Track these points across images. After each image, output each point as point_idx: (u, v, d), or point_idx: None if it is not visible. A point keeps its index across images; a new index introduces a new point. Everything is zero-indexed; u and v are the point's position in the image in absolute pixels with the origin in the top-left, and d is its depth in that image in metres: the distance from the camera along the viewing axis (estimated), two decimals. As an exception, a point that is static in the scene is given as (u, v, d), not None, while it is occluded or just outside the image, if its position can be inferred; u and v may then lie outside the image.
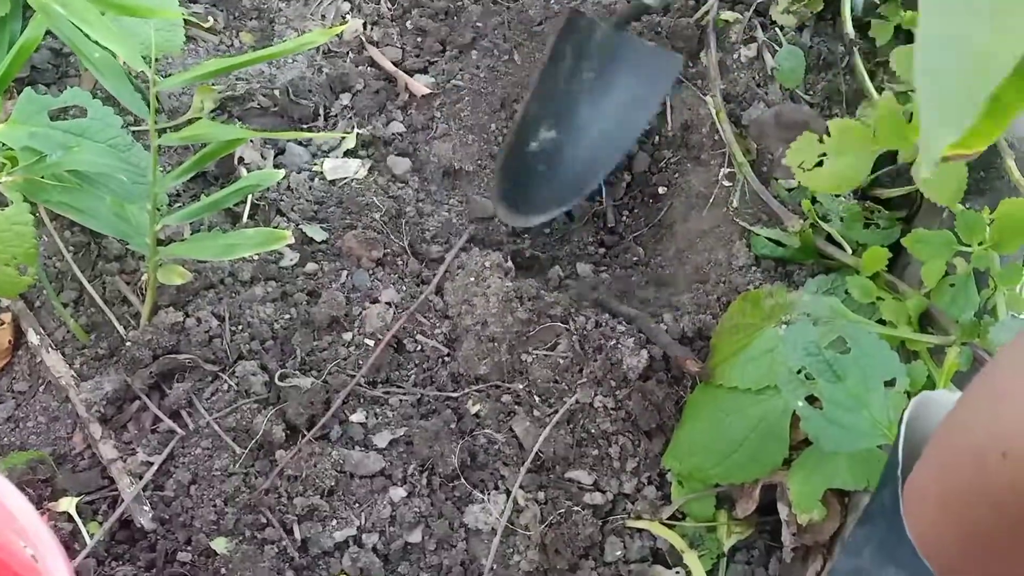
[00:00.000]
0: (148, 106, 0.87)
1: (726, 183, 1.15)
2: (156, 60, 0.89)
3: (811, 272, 1.07)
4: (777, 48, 1.24)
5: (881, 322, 0.94)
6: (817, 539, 0.90)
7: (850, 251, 1.04)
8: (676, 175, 1.22)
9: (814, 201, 1.07)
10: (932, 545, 0.55)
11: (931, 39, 0.24)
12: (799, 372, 0.84)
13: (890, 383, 0.82)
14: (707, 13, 1.26)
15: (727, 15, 1.27)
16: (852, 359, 0.83)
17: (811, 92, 1.22)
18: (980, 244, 0.93)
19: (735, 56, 1.24)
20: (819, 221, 1.06)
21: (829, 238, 1.07)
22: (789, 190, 1.12)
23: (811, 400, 0.84)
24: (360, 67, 1.27)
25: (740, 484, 0.93)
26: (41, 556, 0.60)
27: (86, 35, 0.83)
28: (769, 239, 1.08)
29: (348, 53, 1.29)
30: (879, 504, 0.63)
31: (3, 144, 0.86)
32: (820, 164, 0.99)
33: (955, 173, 0.91)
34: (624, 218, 1.25)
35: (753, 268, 1.07)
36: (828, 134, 0.98)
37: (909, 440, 0.62)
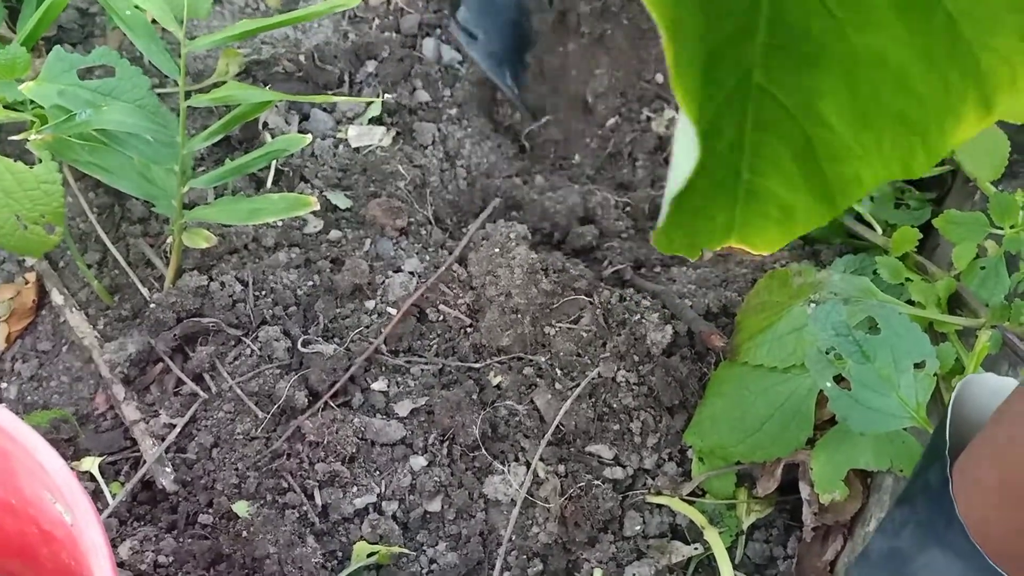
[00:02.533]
0: (178, 67, 0.86)
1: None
2: (185, 21, 0.89)
3: (838, 252, 1.06)
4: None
5: (910, 303, 0.93)
6: (838, 519, 0.90)
7: (880, 231, 1.03)
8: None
9: (844, 180, 1.06)
10: (986, 532, 0.55)
11: (677, 138, 0.29)
12: (828, 352, 0.83)
13: (919, 365, 0.81)
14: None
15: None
16: (882, 340, 0.82)
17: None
18: (1012, 227, 0.92)
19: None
20: (848, 200, 1.05)
21: (858, 217, 1.05)
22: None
23: (838, 380, 0.83)
24: (386, 33, 1.26)
25: (762, 462, 0.93)
26: (72, 512, 0.60)
27: (117, -7, 0.82)
28: (797, 217, 1.06)
29: (374, 19, 1.28)
30: (922, 485, 0.62)
31: (32, 102, 0.85)
32: None
33: (994, 149, 0.90)
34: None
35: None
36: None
37: (954, 421, 0.62)
